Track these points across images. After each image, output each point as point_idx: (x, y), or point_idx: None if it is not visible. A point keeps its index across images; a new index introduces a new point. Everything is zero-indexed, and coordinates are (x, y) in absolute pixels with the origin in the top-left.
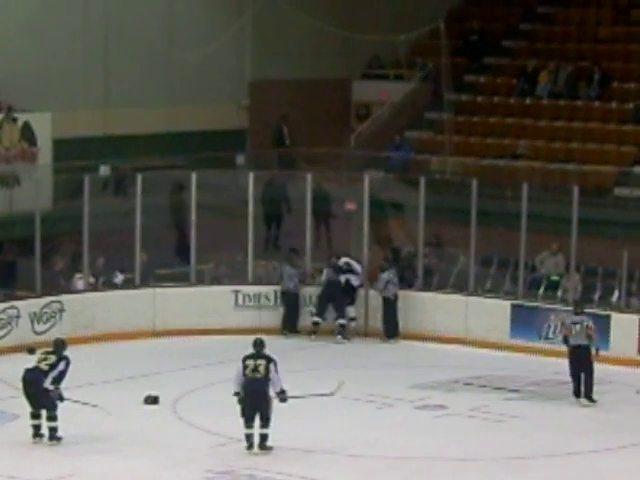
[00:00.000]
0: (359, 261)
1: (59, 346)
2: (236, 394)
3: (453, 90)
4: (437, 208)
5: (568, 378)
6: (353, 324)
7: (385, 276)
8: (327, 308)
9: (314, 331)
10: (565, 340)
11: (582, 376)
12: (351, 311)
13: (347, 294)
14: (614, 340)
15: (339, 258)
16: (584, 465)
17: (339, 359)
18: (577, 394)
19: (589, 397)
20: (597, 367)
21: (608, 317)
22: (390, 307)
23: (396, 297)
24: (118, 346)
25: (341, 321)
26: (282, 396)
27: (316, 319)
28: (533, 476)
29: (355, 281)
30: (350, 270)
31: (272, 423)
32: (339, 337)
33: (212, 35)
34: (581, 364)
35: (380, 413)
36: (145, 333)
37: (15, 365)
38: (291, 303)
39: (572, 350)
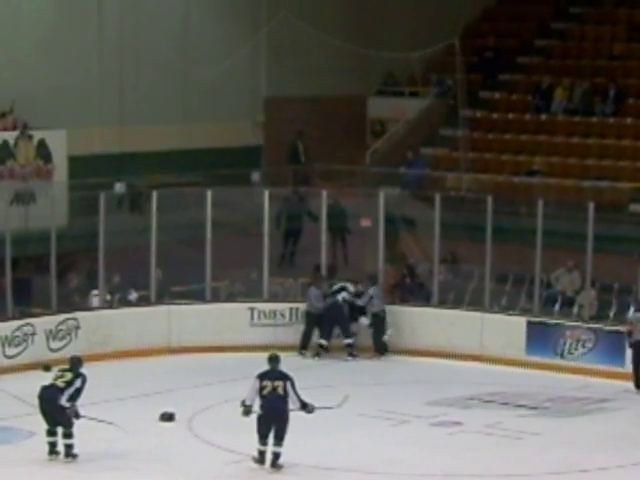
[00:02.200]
0: (356, 283)
1: (75, 363)
2: (243, 403)
3: (468, 107)
4: (452, 225)
5: (584, 394)
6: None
7: (370, 292)
8: (332, 330)
9: (318, 353)
10: (629, 334)
11: None
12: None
13: (349, 312)
14: (630, 356)
15: (331, 284)
16: None
17: (353, 376)
18: (638, 386)
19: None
20: (613, 383)
21: (624, 333)
22: (380, 323)
23: (385, 313)
24: (134, 363)
25: (347, 340)
26: (307, 409)
27: (322, 342)
28: None
29: (360, 301)
30: (344, 289)
31: (289, 440)
32: (349, 358)
33: (227, 52)
34: None
35: (396, 430)
36: (160, 350)
37: (31, 382)
38: (314, 323)
39: (634, 344)
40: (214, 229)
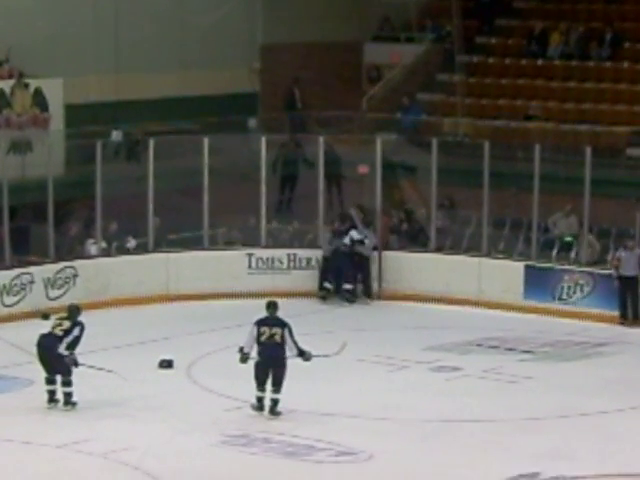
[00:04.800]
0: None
1: (73, 312)
2: (241, 349)
3: (465, 52)
4: (449, 170)
5: (582, 338)
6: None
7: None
8: (337, 274)
9: (323, 296)
10: (616, 269)
11: None
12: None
13: (352, 259)
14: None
15: (343, 222)
16: (598, 425)
17: (351, 322)
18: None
19: None
20: (612, 327)
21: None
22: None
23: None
24: (132, 311)
25: (346, 286)
26: (305, 357)
27: (327, 285)
28: (548, 437)
29: (361, 248)
30: (353, 226)
31: (288, 386)
32: (346, 303)
33: None
34: None
35: (395, 375)
36: (159, 298)
37: (29, 331)
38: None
39: (620, 278)
40: (211, 176)
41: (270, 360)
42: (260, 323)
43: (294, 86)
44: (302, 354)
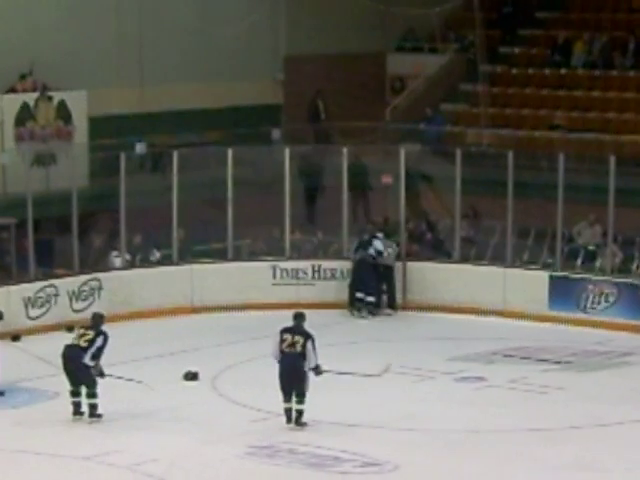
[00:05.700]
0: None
1: (97, 320)
2: (316, 367)
3: (488, 62)
4: (473, 180)
5: (607, 348)
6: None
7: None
8: (363, 285)
9: (359, 308)
10: None
11: None
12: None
13: (376, 270)
14: None
15: (365, 232)
16: (625, 435)
17: (376, 333)
18: None
19: None
20: (636, 337)
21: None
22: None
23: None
24: (156, 323)
25: (368, 298)
26: (316, 371)
27: (360, 295)
28: (573, 447)
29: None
30: (375, 236)
31: (312, 397)
32: (368, 315)
33: (247, 10)
34: None
35: (420, 386)
36: (183, 309)
37: (54, 343)
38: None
39: None
40: (235, 188)
41: (289, 371)
42: (284, 331)
43: (318, 97)
44: (316, 368)
